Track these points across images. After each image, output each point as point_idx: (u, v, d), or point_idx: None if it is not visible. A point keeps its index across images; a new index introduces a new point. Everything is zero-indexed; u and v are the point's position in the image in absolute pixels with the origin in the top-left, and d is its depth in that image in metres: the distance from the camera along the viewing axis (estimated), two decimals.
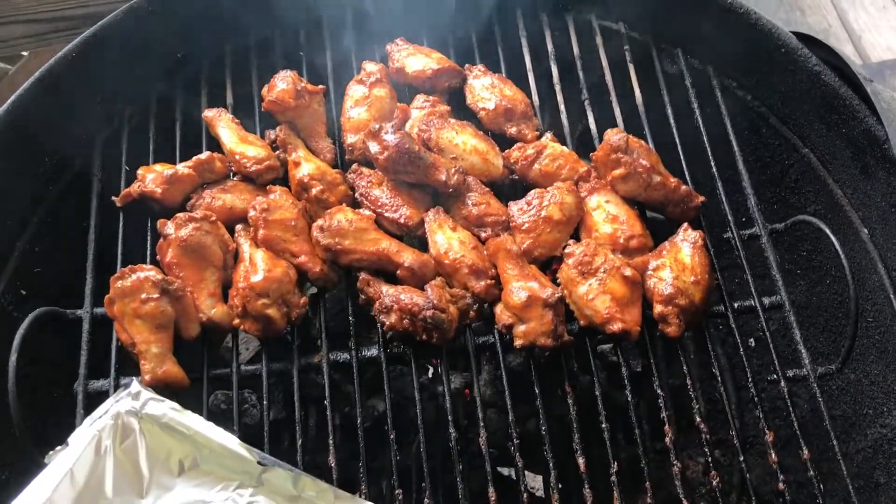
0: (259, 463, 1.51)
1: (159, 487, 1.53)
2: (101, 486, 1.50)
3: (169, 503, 1.52)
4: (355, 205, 2.03)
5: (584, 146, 2.16)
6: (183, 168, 2.02)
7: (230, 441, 1.52)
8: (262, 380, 1.86)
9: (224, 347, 2.24)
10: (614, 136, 1.97)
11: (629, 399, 1.82)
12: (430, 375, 2.42)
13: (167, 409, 1.56)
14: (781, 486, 1.72)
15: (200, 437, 1.54)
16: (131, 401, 1.57)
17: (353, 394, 1.89)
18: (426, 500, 1.73)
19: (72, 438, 1.54)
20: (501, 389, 2.20)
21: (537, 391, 1.82)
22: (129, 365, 1.86)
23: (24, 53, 3.79)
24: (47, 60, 2.10)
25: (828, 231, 1.86)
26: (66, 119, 2.14)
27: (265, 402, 1.83)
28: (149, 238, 2.00)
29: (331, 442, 1.78)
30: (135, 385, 1.60)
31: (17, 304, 2.02)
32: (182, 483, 1.54)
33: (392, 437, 1.78)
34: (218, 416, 1.69)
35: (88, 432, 1.53)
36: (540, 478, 2.41)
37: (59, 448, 1.53)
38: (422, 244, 1.98)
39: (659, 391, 1.82)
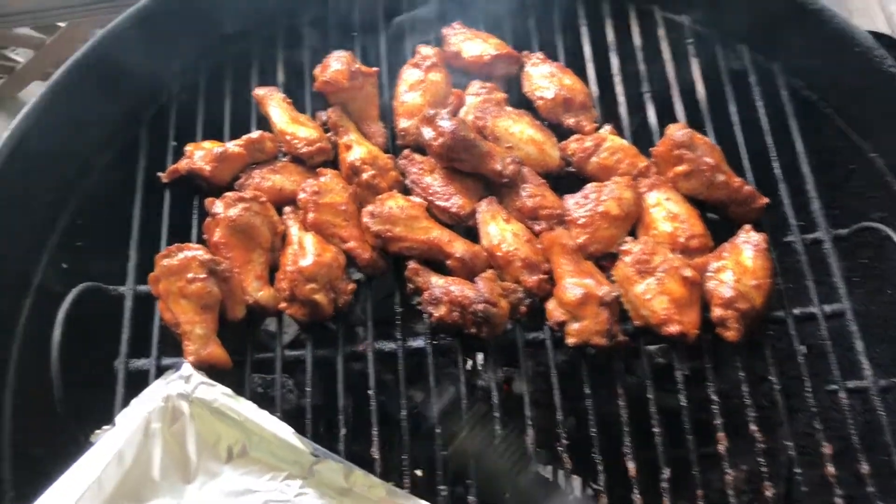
0: (312, 454, 1.47)
1: (206, 473, 1.50)
2: (148, 468, 1.47)
3: (215, 490, 1.49)
4: (406, 191, 1.98)
5: (640, 140, 2.09)
6: (233, 146, 1.97)
7: (283, 430, 1.49)
8: (307, 366, 1.83)
9: (263, 331, 2.20)
10: (678, 131, 1.92)
11: (682, 403, 1.76)
12: (469, 368, 2.38)
13: (218, 393, 1.53)
14: (839, 501, 1.67)
15: (251, 423, 1.50)
16: (182, 384, 1.54)
17: (393, 384, 1.85)
18: (469, 498, 1.69)
19: (119, 419, 1.52)
20: (542, 388, 2.16)
21: (587, 391, 1.77)
22: (170, 344, 1.82)
23: (61, 25, 3.76)
24: (86, 32, 2.06)
25: None
26: (112, 93, 2.10)
27: (308, 389, 1.79)
28: (195, 216, 1.97)
29: (374, 432, 1.74)
30: (186, 368, 1.57)
31: (59, 280, 1.98)
32: (229, 470, 1.51)
33: (438, 431, 1.74)
34: (254, 400, 1.66)
35: (137, 413, 1.50)
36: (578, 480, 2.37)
37: (105, 427, 1.51)
38: (471, 235, 1.93)
39: (714, 396, 1.76)
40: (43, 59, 4.03)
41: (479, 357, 2.34)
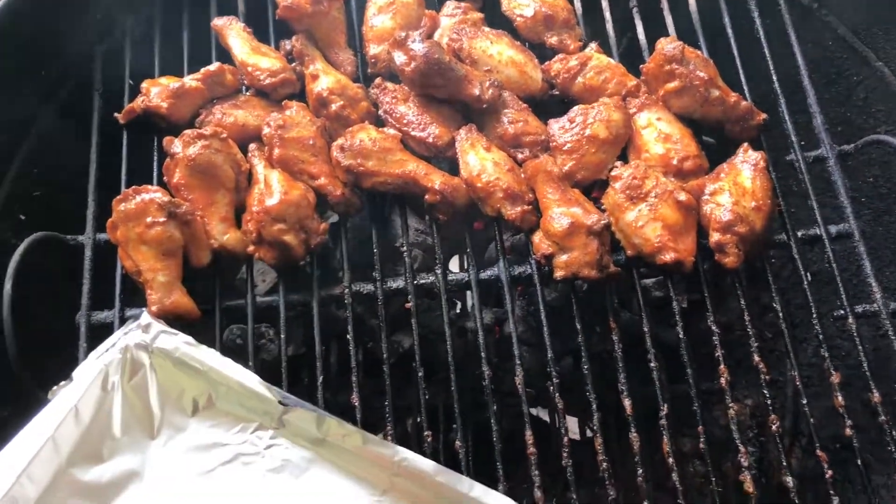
0: (280, 402, 1.37)
1: (171, 427, 1.41)
2: (108, 424, 1.38)
3: (182, 445, 1.40)
4: (379, 123, 1.86)
5: (630, 59, 1.96)
6: (191, 81, 1.85)
7: (249, 379, 1.39)
8: (280, 312, 1.72)
9: (239, 279, 2.10)
10: (668, 45, 1.78)
11: (681, 336, 1.66)
12: (457, 310, 2.28)
13: (180, 342, 1.42)
14: (849, 431, 1.58)
15: (216, 373, 1.40)
16: (141, 333, 1.43)
17: (376, 328, 1.75)
18: (457, 441, 1.60)
19: (76, 373, 1.42)
20: (534, 326, 2.06)
21: (579, 327, 1.67)
22: (136, 295, 1.72)
23: None
24: None
25: None
26: (64, 29, 1.96)
27: (282, 337, 1.69)
28: (155, 157, 1.84)
29: (354, 379, 1.65)
30: (145, 317, 1.46)
31: (15, 231, 1.87)
32: (196, 423, 1.41)
33: (420, 374, 1.65)
34: (233, 352, 1.56)
35: (94, 366, 1.40)
36: (574, 420, 2.29)
37: (62, 383, 1.41)
38: (451, 166, 1.82)
39: (714, 328, 1.66)
40: None
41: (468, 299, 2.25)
